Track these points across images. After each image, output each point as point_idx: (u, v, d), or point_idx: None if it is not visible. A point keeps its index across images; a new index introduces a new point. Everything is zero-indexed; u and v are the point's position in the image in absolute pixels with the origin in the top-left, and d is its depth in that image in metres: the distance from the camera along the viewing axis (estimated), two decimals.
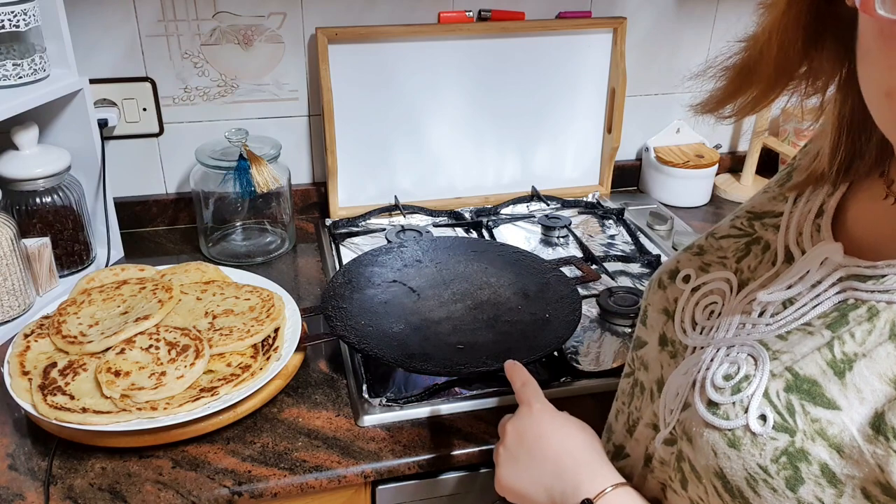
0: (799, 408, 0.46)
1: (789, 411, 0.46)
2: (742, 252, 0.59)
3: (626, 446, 0.64)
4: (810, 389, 0.46)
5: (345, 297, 1.02)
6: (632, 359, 0.66)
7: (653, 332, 0.63)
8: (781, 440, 0.46)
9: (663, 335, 0.61)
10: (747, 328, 0.52)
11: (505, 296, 1.04)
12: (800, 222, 0.55)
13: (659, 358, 0.61)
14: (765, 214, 0.60)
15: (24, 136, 1.05)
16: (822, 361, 0.46)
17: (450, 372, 0.90)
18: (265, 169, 1.15)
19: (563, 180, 1.44)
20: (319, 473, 0.81)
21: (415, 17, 1.27)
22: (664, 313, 0.61)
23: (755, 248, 0.58)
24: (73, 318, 0.93)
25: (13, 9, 0.96)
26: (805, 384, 0.46)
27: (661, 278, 0.64)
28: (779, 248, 0.55)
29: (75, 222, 1.11)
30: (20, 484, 0.78)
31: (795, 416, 0.46)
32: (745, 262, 0.58)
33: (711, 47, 1.43)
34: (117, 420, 0.79)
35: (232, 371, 0.87)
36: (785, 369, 0.47)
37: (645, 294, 0.66)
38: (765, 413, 0.47)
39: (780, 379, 0.47)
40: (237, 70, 1.25)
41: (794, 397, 0.46)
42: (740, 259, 0.58)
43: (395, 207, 1.34)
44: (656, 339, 0.62)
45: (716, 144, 1.51)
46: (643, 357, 0.64)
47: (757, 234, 0.59)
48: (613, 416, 0.68)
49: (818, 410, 0.45)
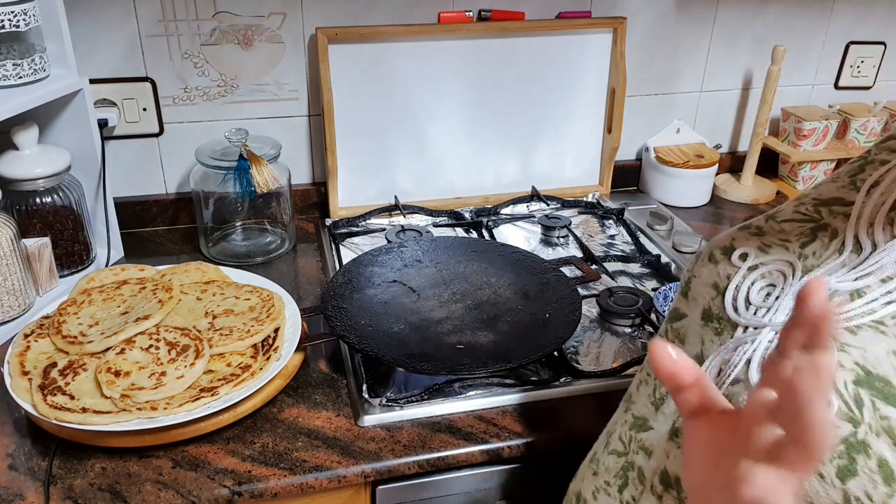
0: (868, 402, 0.45)
1: (857, 403, 0.45)
2: (807, 237, 0.57)
3: (650, 420, 0.61)
4: (883, 389, 0.45)
5: (345, 297, 1.02)
6: (665, 331, 0.64)
7: (696, 306, 0.60)
8: (843, 428, 0.44)
9: (708, 310, 0.59)
10: None
11: (505, 296, 1.04)
12: (872, 213, 0.54)
13: (701, 332, 0.59)
14: (833, 202, 0.58)
15: (24, 136, 1.05)
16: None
17: (450, 372, 0.90)
18: (265, 169, 1.15)
19: (563, 180, 1.44)
20: (319, 473, 0.81)
21: (415, 17, 1.27)
22: (713, 288, 0.59)
23: (822, 235, 0.56)
24: (73, 318, 0.93)
25: (13, 9, 0.96)
26: (878, 382, 0.45)
27: (714, 252, 0.61)
28: (847, 237, 0.54)
29: (75, 222, 1.11)
30: (20, 484, 0.78)
31: (863, 409, 0.45)
32: (811, 248, 0.56)
33: (711, 47, 1.43)
34: (117, 420, 0.79)
35: (232, 371, 0.87)
36: (855, 364, 0.46)
37: (690, 266, 0.64)
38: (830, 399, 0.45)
39: (850, 371, 0.46)
40: (237, 70, 1.25)
41: (863, 391, 0.45)
42: (805, 244, 0.56)
43: (395, 207, 1.34)
44: (699, 312, 0.59)
45: (716, 144, 1.51)
46: (679, 329, 0.61)
47: (824, 220, 0.57)
48: (635, 386, 0.65)
49: (889, 409, 0.44)
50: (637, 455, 0.61)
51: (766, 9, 1.41)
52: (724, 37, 1.43)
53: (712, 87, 1.48)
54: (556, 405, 0.91)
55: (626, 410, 0.65)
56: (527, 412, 0.90)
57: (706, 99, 1.49)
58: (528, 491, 0.92)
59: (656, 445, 0.59)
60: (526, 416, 0.89)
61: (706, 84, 1.48)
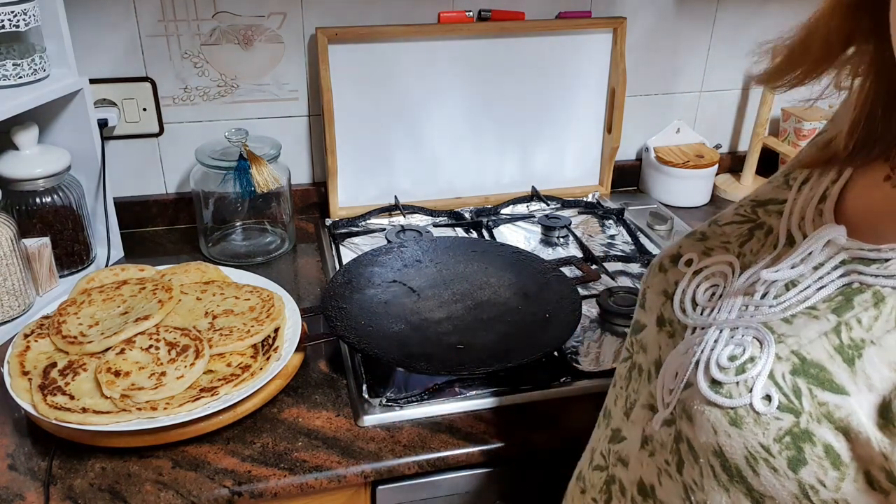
0: (806, 391, 0.46)
1: (795, 393, 0.46)
2: (745, 237, 0.59)
3: (623, 430, 0.63)
4: (818, 374, 0.46)
5: (345, 297, 1.02)
6: (630, 343, 0.65)
7: (651, 314, 0.62)
8: (786, 420, 0.46)
9: (661, 316, 0.61)
10: (750, 310, 0.52)
11: (505, 296, 1.04)
12: (803, 207, 0.55)
13: (657, 339, 0.60)
14: (769, 202, 0.60)
15: (24, 136, 1.05)
16: (830, 346, 0.46)
17: (450, 372, 0.90)
18: (265, 169, 1.15)
19: (563, 180, 1.44)
20: (319, 473, 0.81)
21: (415, 17, 1.27)
22: (663, 295, 0.61)
23: (758, 233, 0.58)
24: (73, 319, 0.93)
25: (13, 9, 0.96)
26: (812, 368, 0.46)
27: (663, 262, 0.63)
28: (780, 232, 0.55)
29: (75, 222, 1.11)
30: (20, 484, 0.78)
31: (802, 398, 0.46)
32: (748, 247, 0.58)
33: (711, 47, 1.43)
34: (117, 420, 0.79)
35: (232, 371, 0.87)
36: (791, 352, 0.47)
37: (645, 278, 0.66)
38: (770, 393, 0.47)
39: (787, 362, 0.47)
40: (237, 70, 1.25)
41: (800, 380, 0.46)
42: (743, 243, 0.58)
43: (395, 207, 1.34)
44: (654, 320, 0.61)
45: (716, 144, 1.51)
46: (641, 340, 0.63)
47: (760, 219, 0.59)
48: (612, 400, 0.67)
49: (826, 394, 0.45)
50: (616, 467, 0.62)
51: (765, 9, 1.41)
52: (724, 37, 1.43)
53: (712, 87, 1.48)
54: (556, 405, 0.91)
55: (606, 426, 0.66)
56: (527, 412, 0.90)
57: (706, 99, 1.49)
58: (528, 491, 0.92)
59: (631, 455, 0.60)
60: (526, 417, 0.89)
61: (706, 84, 1.48)
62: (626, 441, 0.62)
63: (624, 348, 0.67)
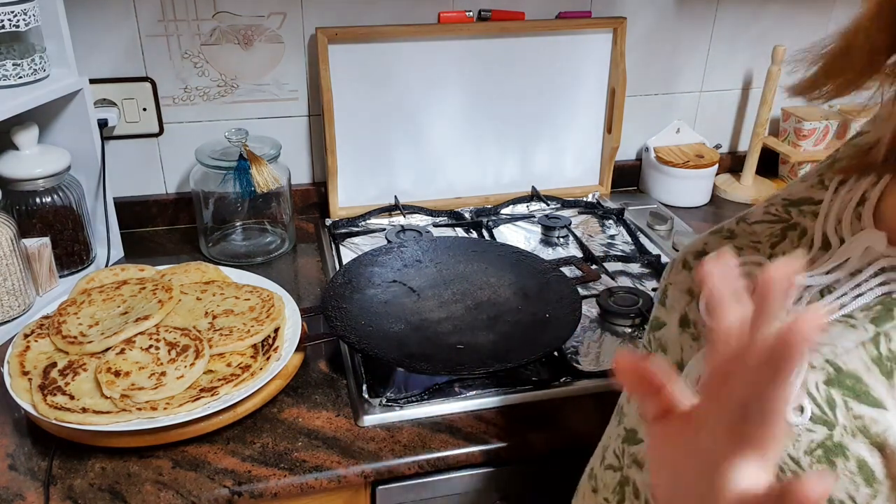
0: (841, 403, 0.44)
1: (829, 405, 0.44)
2: (777, 238, 0.56)
3: (639, 432, 0.61)
4: (854, 386, 0.44)
5: (345, 297, 1.02)
6: (648, 341, 0.63)
7: (673, 313, 0.60)
8: (819, 432, 0.44)
9: (685, 316, 0.58)
10: None
11: (505, 296, 1.04)
12: (840, 210, 0.53)
13: (679, 340, 0.58)
14: (802, 201, 0.58)
15: (24, 136, 1.05)
16: (867, 357, 0.45)
17: (450, 372, 0.90)
18: (265, 169, 1.15)
19: (563, 180, 1.44)
20: (319, 473, 0.81)
21: (415, 17, 1.27)
22: (688, 293, 0.59)
23: (791, 234, 0.56)
24: (73, 319, 0.93)
25: (13, 9, 0.96)
26: (848, 379, 0.44)
27: (686, 258, 0.61)
28: (815, 235, 0.53)
29: (75, 222, 1.11)
30: (20, 484, 0.78)
31: (836, 409, 0.44)
32: (780, 248, 0.56)
33: (711, 47, 1.43)
34: (117, 420, 0.79)
35: (232, 371, 0.87)
36: (826, 362, 0.46)
37: (666, 274, 0.64)
38: (802, 404, 0.45)
39: (821, 371, 0.45)
40: (237, 70, 1.25)
41: (835, 391, 0.44)
42: (775, 245, 0.56)
43: (395, 207, 1.34)
44: (676, 319, 0.59)
45: (716, 144, 1.51)
46: (661, 339, 0.61)
47: (793, 220, 0.57)
48: (625, 398, 0.65)
49: (862, 407, 0.43)
50: (630, 469, 0.61)
51: (766, 9, 1.41)
52: (724, 37, 1.43)
53: (712, 87, 1.48)
54: (556, 405, 0.91)
55: (618, 424, 0.64)
56: (527, 412, 0.90)
57: (706, 99, 1.49)
58: (528, 491, 0.92)
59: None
60: (526, 417, 0.89)
61: (706, 84, 1.48)
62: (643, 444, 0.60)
63: (641, 344, 0.65)
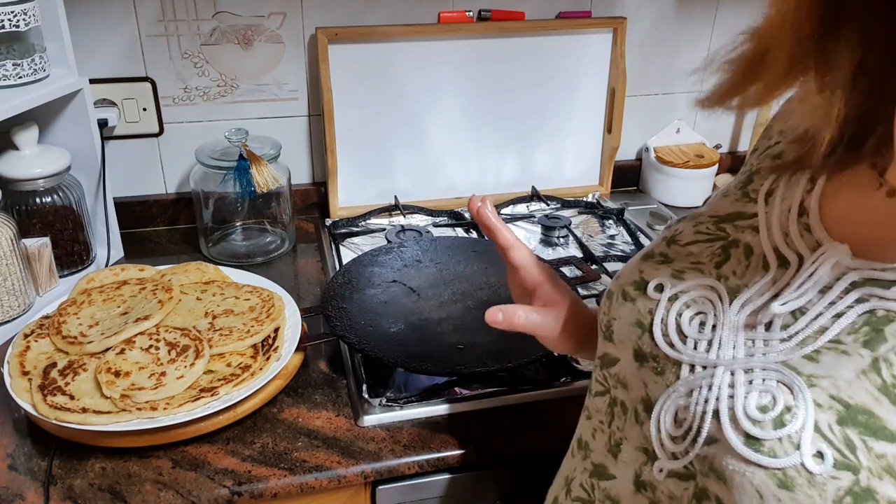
0: (860, 443, 0.41)
1: (849, 447, 0.41)
2: (719, 257, 0.54)
3: (610, 468, 0.59)
4: (868, 422, 0.42)
5: (345, 297, 1.02)
6: (603, 377, 0.60)
7: (623, 348, 0.57)
8: (844, 479, 0.41)
9: (639, 350, 0.55)
10: (759, 345, 0.48)
11: (505, 296, 1.04)
12: (782, 222, 0.51)
13: (639, 375, 0.55)
14: (734, 217, 0.55)
15: (24, 136, 1.05)
16: (872, 387, 0.42)
17: (450, 372, 0.90)
18: (265, 169, 1.15)
19: (563, 180, 1.44)
20: (319, 473, 0.81)
21: (415, 17, 1.27)
22: (637, 326, 0.56)
23: (734, 252, 0.53)
24: (73, 319, 0.93)
25: (13, 9, 0.96)
26: (860, 415, 0.42)
27: (626, 290, 0.58)
28: (767, 252, 0.51)
29: (75, 222, 1.11)
30: (20, 484, 0.78)
31: (857, 451, 0.41)
32: (728, 268, 0.53)
33: (711, 47, 1.43)
34: (117, 420, 0.79)
35: (232, 371, 0.87)
36: (831, 398, 0.43)
37: (605, 308, 0.60)
38: (821, 450, 0.42)
39: (830, 410, 0.43)
40: (237, 70, 1.25)
41: (850, 431, 0.42)
42: (719, 264, 0.54)
43: (395, 207, 1.34)
44: (630, 354, 0.56)
45: (716, 144, 1.51)
46: (617, 375, 0.58)
47: (731, 236, 0.54)
48: (590, 434, 0.62)
49: (881, 444, 0.41)
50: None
51: None
52: (724, 37, 1.43)
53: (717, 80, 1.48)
54: (556, 405, 0.91)
55: (584, 458, 0.62)
56: (526, 412, 0.90)
57: None
58: (527, 491, 0.92)
59: (623, 496, 0.57)
60: (525, 417, 0.89)
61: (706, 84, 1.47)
62: (615, 480, 0.58)
63: (595, 381, 0.62)
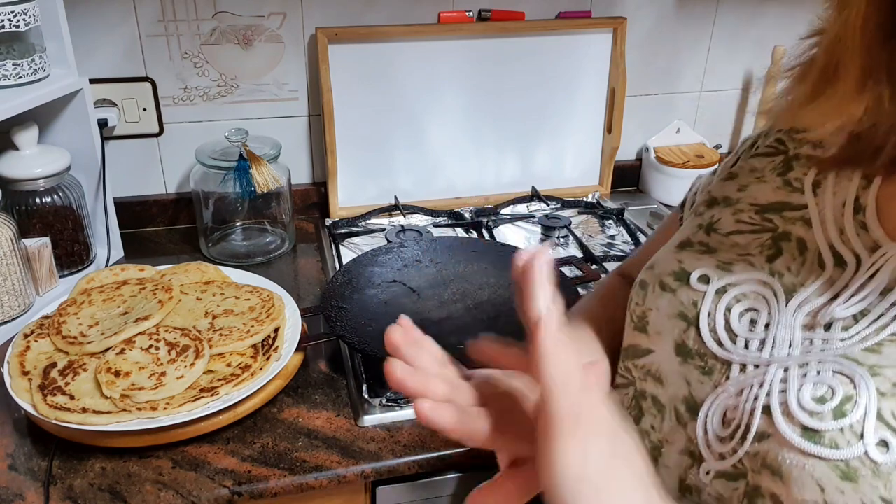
0: None
1: None
2: (770, 250, 0.52)
3: None
4: None
5: (345, 297, 1.02)
6: (626, 369, 0.58)
7: (661, 340, 0.55)
8: None
9: (682, 344, 0.53)
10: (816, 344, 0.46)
11: (505, 296, 1.04)
12: (836, 217, 0.49)
13: (681, 371, 0.53)
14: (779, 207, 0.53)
15: (24, 136, 1.05)
16: None
17: None
18: (265, 169, 1.15)
19: (563, 180, 1.44)
20: (319, 473, 0.81)
21: (415, 17, 1.27)
22: (680, 319, 0.53)
23: (787, 246, 0.51)
24: (73, 319, 0.93)
25: (13, 9, 0.96)
26: None
27: (664, 280, 0.56)
28: (822, 250, 0.50)
29: (75, 222, 1.11)
30: (20, 484, 0.78)
31: None
32: (781, 263, 0.51)
33: (711, 47, 1.43)
34: (117, 420, 0.79)
35: (232, 371, 0.87)
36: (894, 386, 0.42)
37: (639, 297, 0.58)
38: (885, 438, 0.41)
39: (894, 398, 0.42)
40: (237, 70, 1.25)
41: None
42: (772, 258, 0.52)
43: (395, 207, 1.34)
44: (670, 348, 0.54)
45: (716, 144, 1.51)
46: (649, 368, 0.56)
47: (780, 228, 0.52)
48: None
49: None
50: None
51: (766, 9, 1.41)
52: (724, 37, 1.43)
53: (712, 87, 1.48)
54: None
55: None
56: None
57: (706, 99, 1.49)
58: None
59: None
60: None
61: (706, 84, 1.48)
62: None
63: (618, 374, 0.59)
